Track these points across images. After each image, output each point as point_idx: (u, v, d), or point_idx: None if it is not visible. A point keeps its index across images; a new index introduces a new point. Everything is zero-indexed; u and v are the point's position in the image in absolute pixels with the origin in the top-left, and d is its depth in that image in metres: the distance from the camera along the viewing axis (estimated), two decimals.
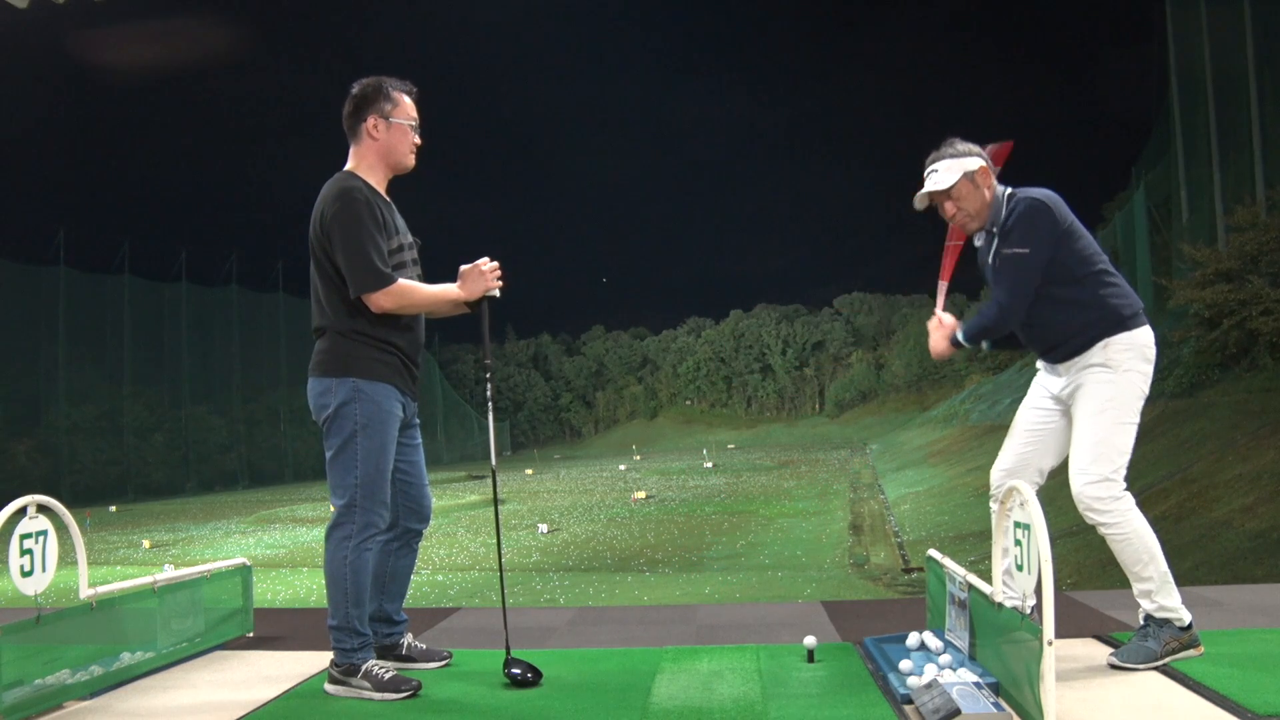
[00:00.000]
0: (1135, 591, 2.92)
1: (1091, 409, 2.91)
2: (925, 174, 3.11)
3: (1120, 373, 2.93)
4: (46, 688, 2.81)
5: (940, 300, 3.40)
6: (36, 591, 2.86)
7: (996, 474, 3.16)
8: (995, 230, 3.06)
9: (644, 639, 3.63)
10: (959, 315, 3.33)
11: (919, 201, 3.13)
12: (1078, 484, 2.88)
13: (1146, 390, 2.96)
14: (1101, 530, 2.88)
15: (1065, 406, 3.07)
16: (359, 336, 3.00)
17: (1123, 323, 2.96)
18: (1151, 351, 2.99)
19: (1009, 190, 3.08)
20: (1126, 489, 2.88)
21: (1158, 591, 2.87)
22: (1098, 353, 2.95)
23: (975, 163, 3.05)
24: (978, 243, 3.20)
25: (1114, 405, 2.90)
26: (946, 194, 3.06)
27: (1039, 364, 3.19)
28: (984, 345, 3.26)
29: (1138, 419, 2.94)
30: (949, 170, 3.05)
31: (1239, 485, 12.43)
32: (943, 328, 3.23)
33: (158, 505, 40.86)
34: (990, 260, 3.09)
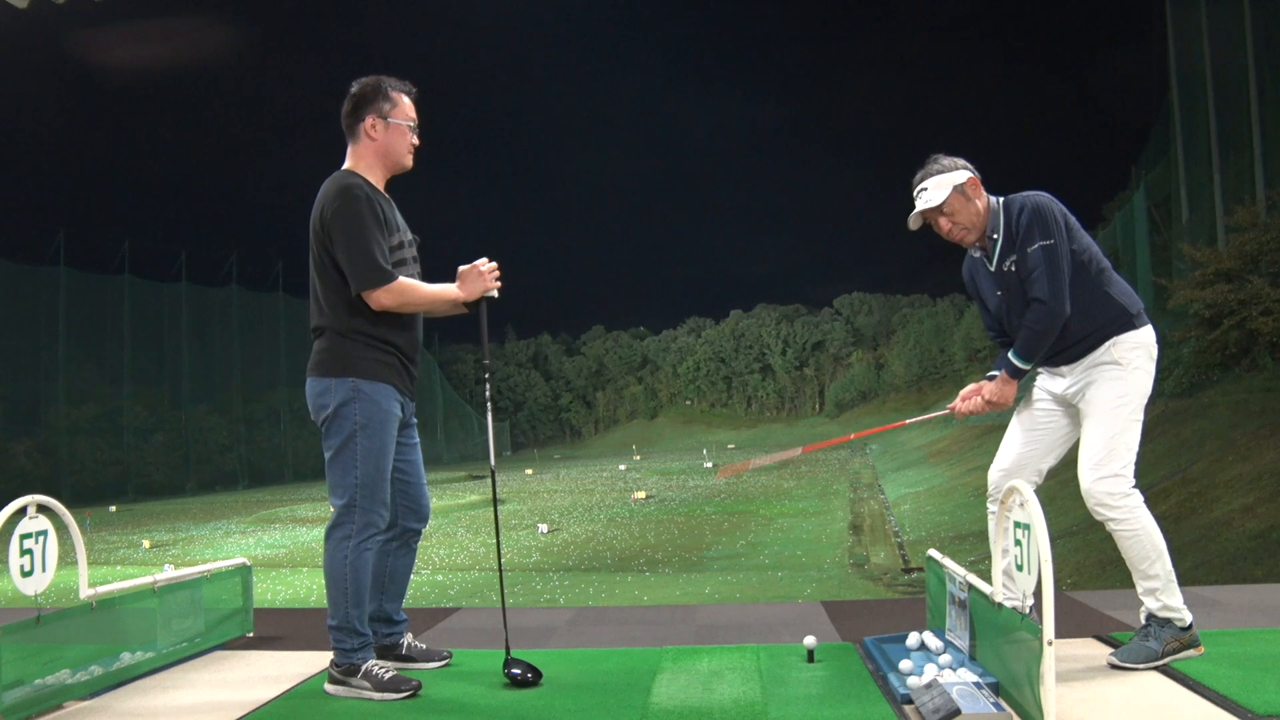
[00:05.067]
0: (1140, 590, 2.92)
1: (1104, 406, 2.92)
2: (915, 194, 3.11)
3: (1130, 370, 2.94)
4: (46, 688, 2.81)
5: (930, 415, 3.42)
6: (36, 591, 2.86)
7: (995, 475, 3.16)
8: (996, 238, 3.05)
9: (644, 639, 3.63)
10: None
11: (913, 222, 3.14)
12: (1089, 480, 2.88)
13: (1150, 389, 2.98)
14: (1111, 526, 2.89)
15: (1068, 407, 3.07)
16: (358, 336, 3.00)
17: (1130, 322, 2.98)
18: (1155, 350, 3.01)
19: (1001, 199, 3.09)
20: (1135, 485, 2.89)
21: (1163, 590, 2.88)
22: (1107, 351, 2.96)
23: (963, 175, 3.05)
24: (974, 254, 3.20)
25: (1126, 403, 2.91)
26: (939, 210, 3.07)
27: (1040, 367, 3.19)
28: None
29: (1143, 417, 2.96)
30: (938, 186, 3.05)
31: (1239, 485, 12.42)
32: (982, 387, 3.15)
33: (158, 505, 40.81)
34: (999, 268, 3.07)
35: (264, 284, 61.61)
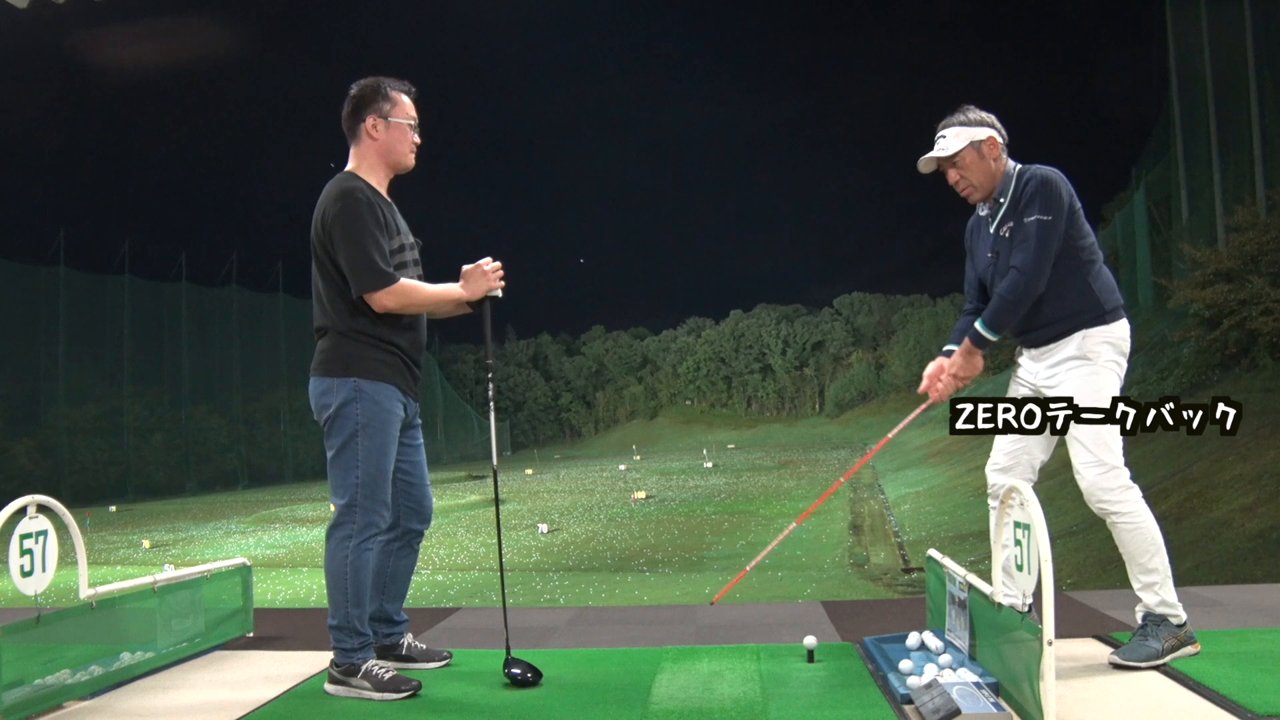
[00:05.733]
0: (1139, 585, 2.93)
1: (1082, 403, 2.92)
2: (935, 138, 3.13)
3: (1101, 364, 2.97)
4: (46, 688, 2.81)
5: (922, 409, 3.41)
6: (36, 591, 2.86)
7: (991, 473, 3.17)
8: (1003, 201, 3.07)
9: (644, 639, 3.63)
10: (952, 319, 3.35)
11: (923, 165, 3.14)
12: (1089, 475, 2.89)
13: (1121, 382, 3.00)
14: (1113, 520, 2.89)
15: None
16: (360, 336, 3.00)
17: (1102, 316, 3.00)
18: (1127, 345, 3.03)
19: (1020, 166, 3.10)
20: (1132, 478, 2.90)
21: (1162, 585, 2.89)
22: (1076, 343, 2.98)
23: (984, 133, 3.06)
24: (981, 212, 3.21)
25: (1101, 399, 2.91)
26: (951, 160, 3.08)
27: (1019, 356, 3.20)
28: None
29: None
30: (956, 137, 3.07)
31: (1239, 485, 12.41)
32: (943, 365, 3.21)
33: (158, 505, 40.81)
34: (996, 231, 3.09)
35: (264, 284, 61.62)
